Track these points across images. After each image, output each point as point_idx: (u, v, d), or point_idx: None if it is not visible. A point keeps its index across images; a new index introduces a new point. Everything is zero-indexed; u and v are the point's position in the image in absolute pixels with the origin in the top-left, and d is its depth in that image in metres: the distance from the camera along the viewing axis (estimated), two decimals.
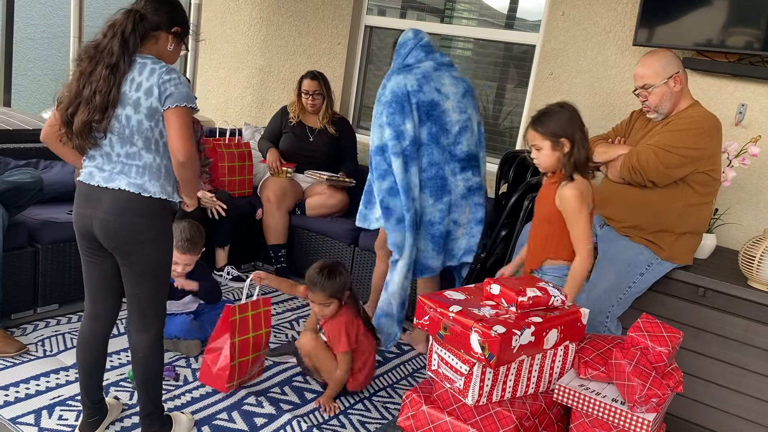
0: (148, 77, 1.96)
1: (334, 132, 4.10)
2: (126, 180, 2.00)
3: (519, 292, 2.03)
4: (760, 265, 2.53)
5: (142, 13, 2.01)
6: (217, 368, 2.56)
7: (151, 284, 2.12)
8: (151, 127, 1.98)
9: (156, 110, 1.96)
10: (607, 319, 2.68)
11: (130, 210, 2.01)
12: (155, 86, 1.95)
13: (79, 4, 4.17)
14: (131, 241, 2.03)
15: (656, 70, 2.57)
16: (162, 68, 1.98)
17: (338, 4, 4.61)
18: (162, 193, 2.04)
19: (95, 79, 1.94)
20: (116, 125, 1.98)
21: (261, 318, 2.70)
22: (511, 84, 4.21)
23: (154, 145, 2.02)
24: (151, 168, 2.02)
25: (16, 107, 4.70)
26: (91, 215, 2.03)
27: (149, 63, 1.98)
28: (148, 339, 2.16)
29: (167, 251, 2.16)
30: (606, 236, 2.75)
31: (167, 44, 2.08)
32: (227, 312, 2.57)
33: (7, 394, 2.44)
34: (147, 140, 2.00)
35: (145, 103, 1.95)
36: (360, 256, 3.76)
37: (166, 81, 1.95)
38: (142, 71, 1.97)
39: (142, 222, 2.03)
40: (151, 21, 2.02)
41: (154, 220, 2.05)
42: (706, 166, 2.58)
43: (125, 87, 1.96)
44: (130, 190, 2.00)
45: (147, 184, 2.01)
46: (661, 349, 1.96)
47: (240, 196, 4.03)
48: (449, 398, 2.06)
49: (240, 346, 2.58)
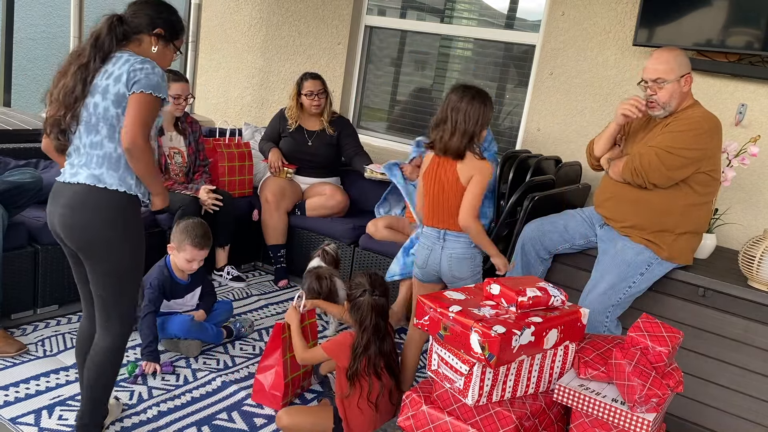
0: (120, 66, 1.94)
1: (333, 132, 4.08)
2: (86, 172, 1.95)
3: (519, 292, 2.03)
4: (760, 265, 2.53)
5: (120, 16, 2.01)
6: (271, 387, 2.57)
7: (116, 286, 2.02)
8: (117, 114, 1.94)
9: (123, 96, 1.93)
10: (607, 319, 2.67)
11: (86, 203, 1.94)
12: (125, 73, 1.92)
13: (79, 4, 4.18)
14: (90, 238, 1.95)
15: (672, 66, 2.55)
16: (137, 59, 1.95)
17: (338, 4, 4.61)
18: (121, 186, 1.96)
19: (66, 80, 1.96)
20: (84, 114, 1.96)
21: (308, 331, 2.68)
22: (511, 84, 4.20)
23: (118, 135, 1.95)
24: (110, 158, 1.96)
25: (16, 107, 4.70)
26: (54, 212, 2.00)
27: (126, 55, 1.97)
28: (109, 343, 2.07)
29: (134, 250, 2.04)
30: (606, 236, 2.75)
31: (150, 46, 2.04)
32: (278, 329, 2.56)
33: (7, 394, 2.44)
34: (111, 128, 1.95)
35: (113, 89, 1.93)
36: (360, 256, 3.75)
37: (137, 69, 1.92)
38: (117, 62, 1.96)
39: (99, 216, 1.94)
40: (131, 24, 2.02)
41: (112, 214, 1.96)
42: (706, 166, 2.57)
43: (97, 78, 1.95)
44: (88, 183, 1.94)
45: (104, 175, 1.95)
46: (661, 349, 1.96)
47: (240, 196, 4.03)
48: (449, 398, 2.06)
49: (291, 362, 2.58)
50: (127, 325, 2.11)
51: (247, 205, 4.02)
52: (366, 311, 2.34)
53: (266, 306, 3.61)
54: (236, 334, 3.13)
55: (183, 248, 2.83)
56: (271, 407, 2.57)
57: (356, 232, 3.80)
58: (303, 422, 2.42)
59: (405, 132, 4.63)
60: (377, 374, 2.34)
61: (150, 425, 2.38)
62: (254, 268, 4.20)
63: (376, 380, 2.33)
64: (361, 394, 2.32)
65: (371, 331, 2.34)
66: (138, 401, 2.51)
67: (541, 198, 3.07)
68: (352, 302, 2.40)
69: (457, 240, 2.57)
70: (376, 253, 3.67)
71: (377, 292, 2.38)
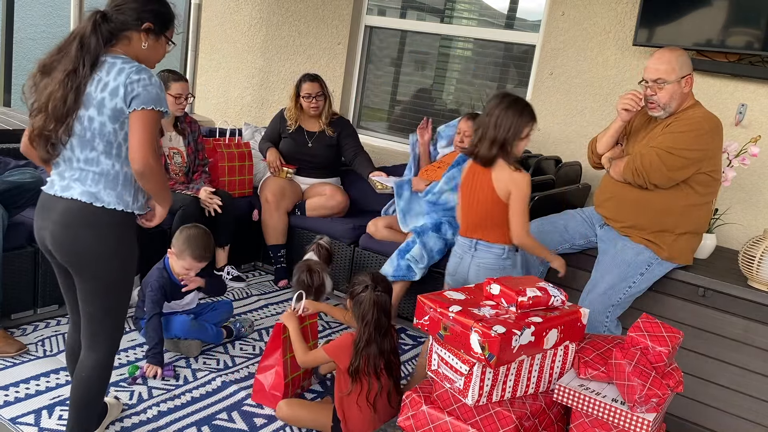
0: (115, 77, 1.80)
1: (332, 133, 4.08)
2: (80, 188, 1.85)
3: (519, 292, 2.03)
4: (760, 265, 2.53)
5: (103, 13, 1.85)
6: (271, 387, 2.56)
7: (105, 303, 1.94)
8: (115, 130, 1.82)
9: (121, 112, 1.81)
10: (607, 319, 2.67)
11: (79, 221, 1.85)
12: (121, 86, 1.79)
13: (79, 4, 4.18)
14: (81, 255, 1.87)
15: (673, 66, 2.53)
16: (132, 68, 1.82)
17: (338, 4, 4.61)
18: (118, 204, 1.87)
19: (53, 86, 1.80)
20: (78, 127, 1.83)
21: (308, 331, 2.68)
22: (511, 84, 4.20)
23: (116, 150, 1.85)
24: (107, 176, 1.85)
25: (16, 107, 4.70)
26: (45, 227, 1.89)
27: (119, 63, 1.83)
28: (96, 360, 1.99)
29: (125, 267, 1.96)
30: (606, 236, 2.75)
31: (141, 43, 1.89)
32: (278, 329, 2.56)
33: (7, 394, 2.44)
34: (108, 144, 1.84)
35: (109, 104, 1.80)
36: (360, 256, 3.75)
37: (134, 81, 1.79)
38: (111, 71, 1.81)
39: (92, 234, 1.85)
40: (116, 21, 1.85)
41: (106, 232, 1.87)
42: (707, 166, 2.57)
43: (90, 87, 1.81)
44: (82, 200, 1.84)
45: (101, 193, 1.85)
46: (661, 349, 1.96)
47: (240, 196, 4.03)
48: (449, 398, 2.06)
49: (291, 362, 2.58)
50: (115, 342, 2.03)
51: (247, 205, 4.02)
52: (368, 306, 2.34)
53: (266, 306, 3.61)
54: (236, 334, 3.13)
55: (183, 257, 2.83)
56: (271, 407, 2.57)
57: (356, 232, 3.80)
58: (302, 416, 2.46)
59: (405, 132, 4.63)
60: (376, 374, 2.34)
61: (150, 425, 2.38)
62: (254, 268, 4.20)
63: (375, 380, 2.33)
64: (361, 392, 2.32)
65: (373, 326, 2.33)
66: (138, 401, 2.51)
67: (541, 198, 3.07)
68: (354, 298, 2.39)
69: (488, 250, 2.50)
70: (376, 253, 3.67)
71: (380, 288, 2.38)
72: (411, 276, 3.28)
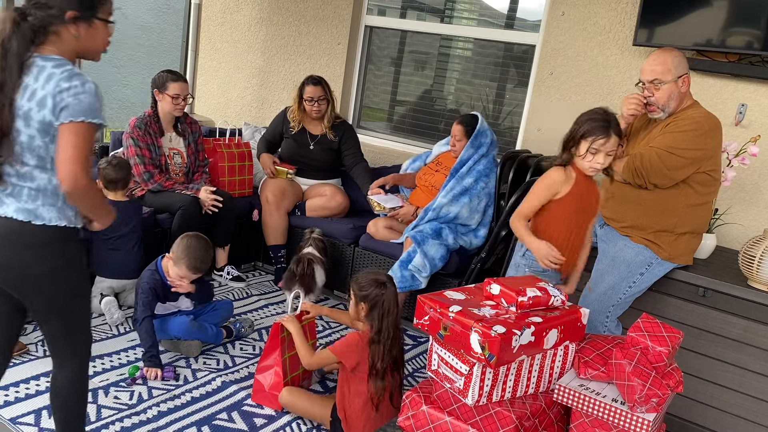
0: (44, 84, 1.58)
1: (334, 137, 4.07)
2: (15, 205, 1.65)
3: (519, 292, 2.03)
4: (760, 265, 2.53)
5: (21, 11, 1.61)
6: (271, 387, 2.56)
7: (62, 320, 1.78)
8: (45, 144, 1.61)
9: (49, 125, 1.59)
10: (607, 319, 2.68)
11: (16, 241, 1.65)
12: (49, 96, 1.57)
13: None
14: (22, 277, 1.68)
15: (669, 66, 2.55)
16: (63, 73, 1.59)
17: (338, 4, 4.61)
18: (60, 220, 1.68)
19: None
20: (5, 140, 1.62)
21: (306, 330, 2.67)
22: (511, 84, 4.21)
23: (51, 164, 1.64)
24: (45, 191, 1.66)
25: None
26: None
27: (49, 66, 1.60)
28: (68, 376, 1.85)
29: (76, 280, 1.77)
30: (606, 236, 2.75)
31: (71, 35, 1.65)
32: (276, 329, 2.56)
33: (7, 394, 2.44)
34: (41, 159, 1.63)
35: (36, 115, 1.59)
36: (360, 256, 3.76)
37: (63, 90, 1.57)
38: (39, 76, 1.59)
39: (32, 254, 1.66)
40: (36, 16, 1.61)
41: (48, 251, 1.68)
42: (707, 166, 2.57)
43: (16, 95, 1.59)
44: (19, 218, 1.64)
45: (40, 209, 1.65)
46: (661, 349, 1.96)
47: (240, 196, 4.03)
48: (449, 398, 2.06)
49: (290, 362, 2.58)
50: (83, 356, 1.87)
51: (247, 205, 4.02)
52: (392, 304, 2.35)
53: (266, 306, 3.61)
54: (236, 334, 3.13)
55: (179, 265, 2.82)
56: (271, 407, 2.57)
57: (356, 232, 3.80)
58: (301, 405, 2.50)
59: (405, 132, 4.63)
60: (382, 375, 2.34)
61: (150, 425, 2.38)
62: (254, 268, 4.21)
63: (379, 381, 2.34)
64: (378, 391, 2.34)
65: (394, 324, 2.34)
66: (138, 401, 2.51)
67: None
68: (370, 300, 2.36)
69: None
70: (376, 253, 3.67)
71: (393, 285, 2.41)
72: (416, 285, 3.29)
